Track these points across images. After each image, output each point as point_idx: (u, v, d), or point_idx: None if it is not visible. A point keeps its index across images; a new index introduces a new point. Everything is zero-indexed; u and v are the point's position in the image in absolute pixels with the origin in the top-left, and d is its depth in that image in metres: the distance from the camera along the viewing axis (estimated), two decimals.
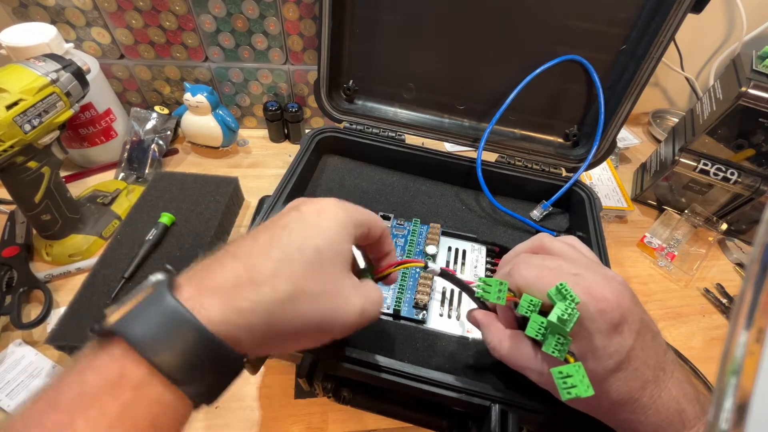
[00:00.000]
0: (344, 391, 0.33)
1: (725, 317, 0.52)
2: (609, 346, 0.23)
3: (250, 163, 0.64)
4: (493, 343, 0.27)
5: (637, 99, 0.43)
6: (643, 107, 0.81)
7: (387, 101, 0.51)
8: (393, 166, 0.49)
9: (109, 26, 0.55)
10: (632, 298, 0.24)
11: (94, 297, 0.40)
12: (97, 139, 0.57)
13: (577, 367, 0.22)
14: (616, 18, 0.41)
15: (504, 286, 0.26)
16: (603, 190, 0.64)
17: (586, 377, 0.22)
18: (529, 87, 0.43)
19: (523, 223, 0.45)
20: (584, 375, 0.22)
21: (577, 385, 0.22)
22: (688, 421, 0.23)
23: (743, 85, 0.50)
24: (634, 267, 0.57)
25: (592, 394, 0.21)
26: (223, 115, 0.60)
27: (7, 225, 0.49)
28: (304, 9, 0.56)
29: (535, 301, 0.24)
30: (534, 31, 0.43)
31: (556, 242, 0.29)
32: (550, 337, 0.23)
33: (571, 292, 0.23)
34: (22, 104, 0.38)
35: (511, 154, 0.49)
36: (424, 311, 0.36)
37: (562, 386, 0.22)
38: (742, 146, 0.54)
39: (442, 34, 0.45)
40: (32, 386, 0.38)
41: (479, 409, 0.29)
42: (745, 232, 0.61)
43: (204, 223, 0.48)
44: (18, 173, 0.41)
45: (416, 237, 0.42)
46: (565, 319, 0.22)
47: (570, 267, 0.25)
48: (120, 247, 0.45)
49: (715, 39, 0.74)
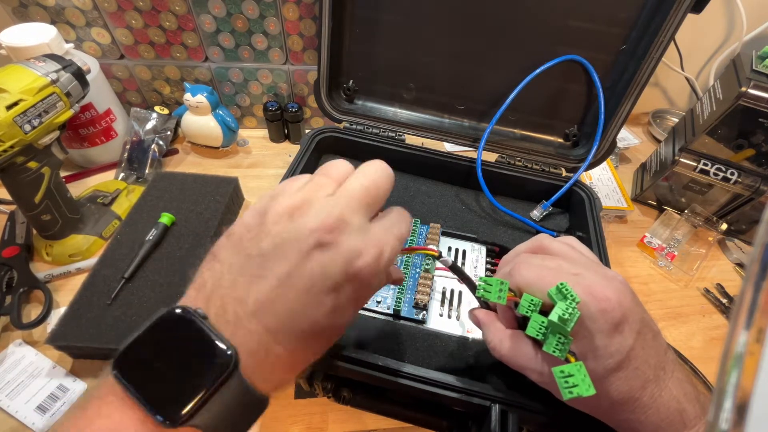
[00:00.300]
0: (344, 391, 0.33)
1: (725, 317, 0.52)
2: (610, 345, 0.23)
3: (250, 163, 0.64)
4: (493, 342, 0.27)
5: (637, 99, 0.43)
6: (643, 107, 0.81)
7: (387, 101, 0.51)
8: (393, 166, 0.48)
9: (109, 26, 0.56)
10: (633, 298, 0.24)
11: (94, 297, 0.40)
12: (97, 139, 0.57)
13: (578, 366, 0.22)
14: (616, 18, 0.41)
15: (505, 285, 0.26)
16: (603, 190, 0.64)
17: (588, 376, 0.22)
18: (529, 87, 0.43)
19: (523, 223, 0.45)
20: (585, 374, 0.22)
21: (578, 384, 0.22)
22: (688, 420, 0.23)
23: (743, 85, 0.50)
24: (634, 267, 0.57)
25: (594, 393, 0.21)
26: (223, 115, 0.60)
27: (7, 225, 0.49)
28: (304, 9, 0.56)
29: (536, 300, 0.24)
30: (534, 31, 0.43)
31: (556, 242, 0.29)
32: (551, 336, 0.23)
33: (572, 292, 0.23)
34: (22, 104, 0.38)
35: (511, 154, 0.49)
36: (424, 311, 0.36)
37: (563, 385, 0.22)
38: (742, 146, 0.54)
39: (442, 34, 0.45)
40: (32, 386, 0.38)
41: (479, 409, 0.29)
42: (745, 232, 0.61)
43: (204, 223, 0.48)
44: (18, 173, 0.41)
45: (416, 237, 0.42)
46: (566, 319, 0.22)
47: (570, 267, 0.25)
48: (120, 247, 0.45)
49: (715, 39, 0.74)
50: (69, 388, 0.38)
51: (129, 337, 0.18)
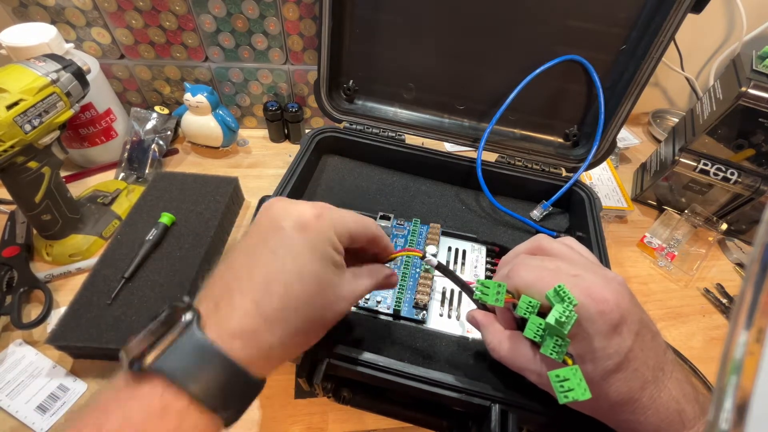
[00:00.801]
0: (344, 391, 0.33)
1: (725, 317, 0.52)
2: (608, 347, 0.23)
3: (250, 163, 0.64)
4: (492, 344, 0.27)
5: (637, 99, 0.43)
6: (643, 107, 0.81)
7: (387, 101, 0.51)
8: (393, 166, 0.49)
9: (109, 26, 0.56)
10: (631, 299, 0.24)
11: (94, 297, 0.40)
12: (97, 139, 0.57)
13: (574, 370, 0.22)
14: (616, 18, 0.41)
15: (502, 288, 0.26)
16: (603, 190, 0.64)
17: (584, 380, 0.22)
18: (529, 87, 0.43)
19: (523, 223, 0.45)
20: (581, 378, 0.22)
21: (574, 389, 0.21)
22: (687, 421, 0.23)
23: (743, 85, 0.50)
24: (634, 267, 0.57)
25: (590, 397, 0.21)
26: (223, 115, 0.60)
27: (8, 225, 0.49)
28: (304, 9, 0.56)
29: (534, 302, 0.24)
30: (534, 31, 0.43)
31: (555, 243, 0.29)
32: (548, 339, 0.23)
33: (569, 294, 0.23)
34: (23, 104, 0.38)
35: (511, 154, 0.49)
36: (424, 311, 0.36)
37: (559, 389, 0.22)
38: (742, 146, 0.54)
39: (442, 34, 0.45)
40: (32, 386, 0.38)
41: (479, 409, 0.29)
42: (745, 232, 0.61)
43: (204, 223, 0.48)
44: (18, 173, 0.41)
45: (416, 237, 0.42)
46: (563, 322, 0.22)
47: (569, 268, 0.25)
48: (120, 247, 0.45)
49: (715, 39, 0.74)
50: (69, 388, 0.38)
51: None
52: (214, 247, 0.48)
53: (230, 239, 0.53)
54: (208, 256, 0.46)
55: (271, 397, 0.40)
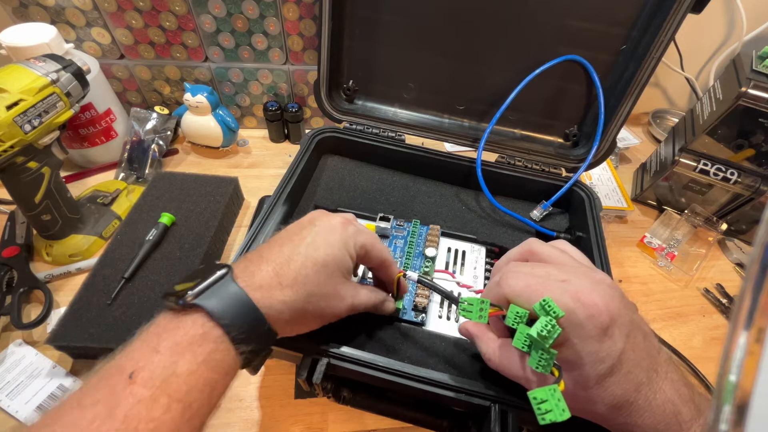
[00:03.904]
0: (344, 391, 0.33)
1: (725, 317, 0.52)
2: (600, 350, 0.23)
3: (250, 163, 0.64)
4: (487, 354, 0.28)
5: (637, 99, 0.43)
6: (643, 107, 0.81)
7: (387, 101, 0.51)
8: (393, 166, 0.49)
9: (109, 26, 0.56)
10: (621, 300, 0.24)
11: (94, 297, 0.40)
12: (97, 139, 0.57)
13: (552, 390, 0.22)
14: (616, 18, 0.41)
15: (485, 304, 0.26)
16: (603, 190, 0.64)
17: (562, 401, 0.21)
18: (529, 87, 0.43)
19: (523, 223, 0.45)
20: (560, 398, 0.21)
21: (552, 410, 0.21)
22: (684, 422, 0.23)
23: (743, 85, 0.50)
24: (634, 267, 0.57)
25: (569, 417, 0.21)
26: (223, 115, 0.60)
27: (7, 225, 0.49)
28: (304, 9, 0.56)
29: (522, 312, 0.24)
30: (534, 31, 0.43)
31: (546, 247, 0.29)
32: (534, 351, 0.23)
33: (555, 307, 0.23)
34: (23, 104, 0.38)
35: (511, 154, 0.49)
36: (423, 314, 0.36)
37: (537, 411, 0.22)
38: (742, 146, 0.54)
39: (442, 34, 0.45)
40: (32, 386, 0.38)
41: (479, 409, 0.29)
42: (745, 232, 0.61)
43: (204, 223, 0.48)
44: (18, 173, 0.41)
45: (416, 238, 0.42)
46: (545, 336, 0.22)
47: (558, 274, 0.25)
48: (120, 247, 0.45)
49: (715, 39, 0.74)
50: (69, 388, 0.38)
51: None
52: (214, 247, 0.48)
53: (230, 239, 0.53)
54: (208, 256, 0.46)
55: (271, 397, 0.40)
